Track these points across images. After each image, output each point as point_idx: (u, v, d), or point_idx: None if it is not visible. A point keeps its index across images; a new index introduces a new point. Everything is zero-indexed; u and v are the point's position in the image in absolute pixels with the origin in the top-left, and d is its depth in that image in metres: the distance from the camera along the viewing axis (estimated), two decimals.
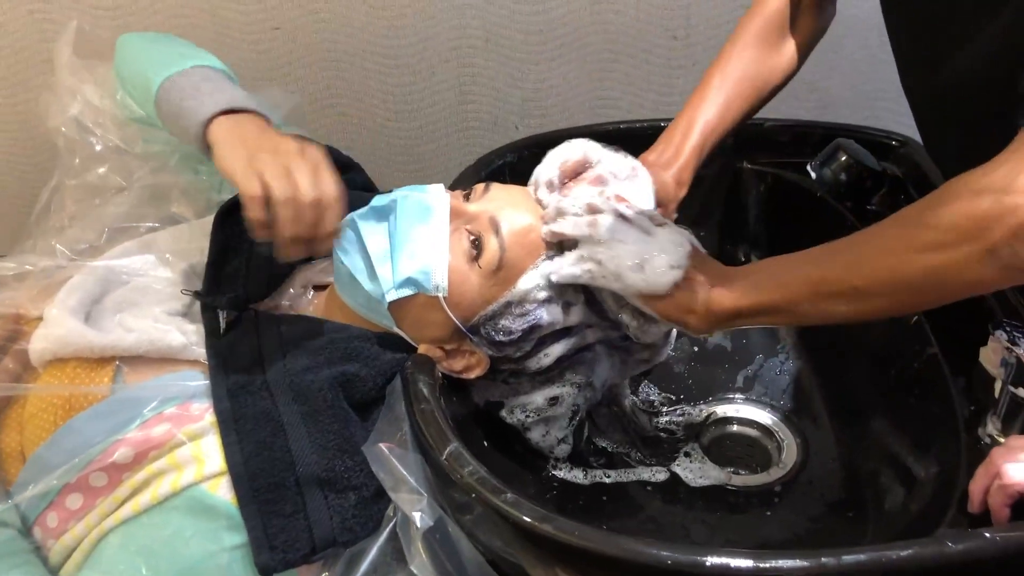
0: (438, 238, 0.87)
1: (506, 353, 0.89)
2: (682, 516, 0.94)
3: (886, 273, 0.72)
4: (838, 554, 0.66)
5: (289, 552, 0.77)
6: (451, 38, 1.35)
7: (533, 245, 0.88)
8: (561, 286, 0.87)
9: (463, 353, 0.90)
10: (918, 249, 0.70)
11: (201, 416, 0.82)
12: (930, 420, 0.86)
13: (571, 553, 0.70)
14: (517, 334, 0.88)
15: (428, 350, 0.89)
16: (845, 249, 0.76)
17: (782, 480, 0.98)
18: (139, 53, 0.99)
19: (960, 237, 0.68)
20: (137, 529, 0.79)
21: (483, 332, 0.88)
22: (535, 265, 0.88)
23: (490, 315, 0.88)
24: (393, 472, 0.76)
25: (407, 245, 0.86)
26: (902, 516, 0.84)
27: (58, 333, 0.87)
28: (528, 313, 0.87)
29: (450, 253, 0.87)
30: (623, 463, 1.00)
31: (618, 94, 1.40)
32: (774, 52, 1.02)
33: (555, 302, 0.88)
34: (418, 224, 0.87)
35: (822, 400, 1.05)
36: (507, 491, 0.72)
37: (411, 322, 0.89)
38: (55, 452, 0.82)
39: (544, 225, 0.88)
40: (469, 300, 0.87)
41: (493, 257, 0.86)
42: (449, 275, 0.86)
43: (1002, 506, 0.71)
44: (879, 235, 0.74)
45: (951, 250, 0.68)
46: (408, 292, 0.86)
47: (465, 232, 0.87)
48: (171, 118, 0.91)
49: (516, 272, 0.87)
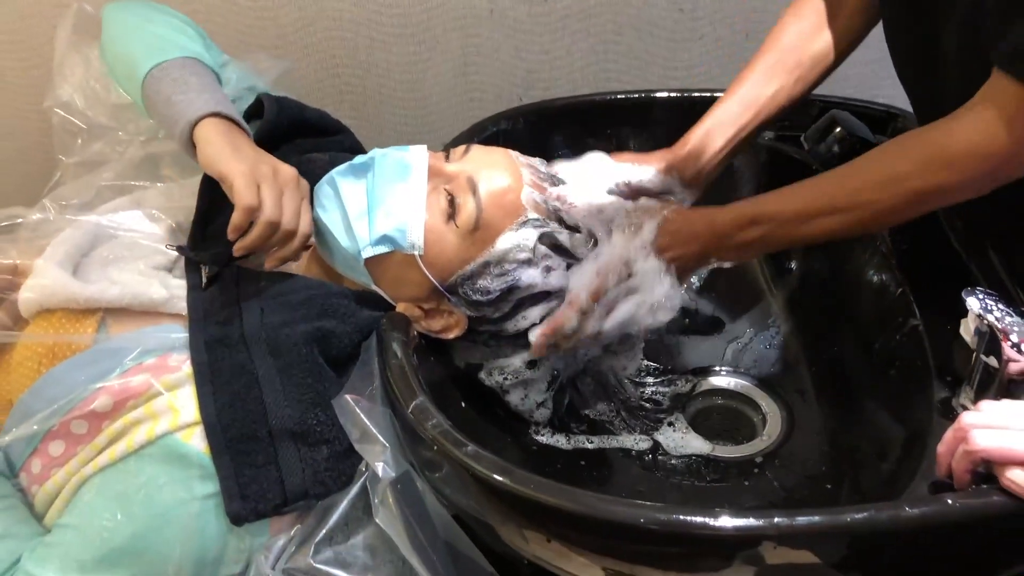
0: (415, 196, 0.87)
1: (484, 313, 0.90)
2: (659, 483, 0.94)
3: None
4: (792, 514, 0.65)
5: (260, 502, 0.79)
6: (455, 7, 1.35)
7: (512, 206, 0.88)
8: (542, 250, 0.88)
9: (441, 313, 0.90)
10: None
11: (179, 367, 0.83)
12: (908, 392, 0.86)
13: (530, 507, 0.70)
14: (495, 294, 0.88)
15: (406, 308, 0.90)
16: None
17: (763, 452, 0.98)
18: (125, 33, 0.99)
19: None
20: (113, 476, 0.81)
21: (461, 292, 0.89)
22: (514, 227, 0.88)
23: (468, 275, 0.88)
24: (358, 424, 0.77)
25: (384, 203, 0.87)
26: (875, 488, 0.84)
27: (44, 283, 0.88)
28: (507, 273, 0.88)
29: (427, 212, 0.87)
30: (605, 430, 1.00)
31: (623, 67, 1.39)
32: (820, 34, 0.98)
33: (535, 265, 0.88)
34: (396, 182, 0.88)
35: (810, 374, 1.05)
36: (468, 444, 0.72)
37: (389, 280, 0.89)
38: (37, 399, 0.83)
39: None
40: (446, 259, 0.88)
41: (470, 217, 0.87)
42: (426, 234, 0.87)
43: (965, 471, 0.70)
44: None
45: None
46: (384, 249, 0.87)
47: (443, 191, 0.88)
48: (157, 109, 0.92)
49: (494, 232, 0.87)
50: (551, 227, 0.89)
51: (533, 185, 0.90)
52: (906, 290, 0.91)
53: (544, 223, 0.89)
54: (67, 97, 1.06)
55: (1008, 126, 0.75)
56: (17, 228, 0.98)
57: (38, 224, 0.98)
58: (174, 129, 0.90)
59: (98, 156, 1.07)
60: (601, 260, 0.90)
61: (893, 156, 0.82)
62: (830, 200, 0.84)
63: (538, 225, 0.89)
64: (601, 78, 1.40)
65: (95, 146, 1.07)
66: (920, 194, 0.80)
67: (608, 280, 0.89)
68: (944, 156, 0.78)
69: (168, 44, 0.95)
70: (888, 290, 0.93)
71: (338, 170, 0.90)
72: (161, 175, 1.05)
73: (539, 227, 0.89)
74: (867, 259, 0.98)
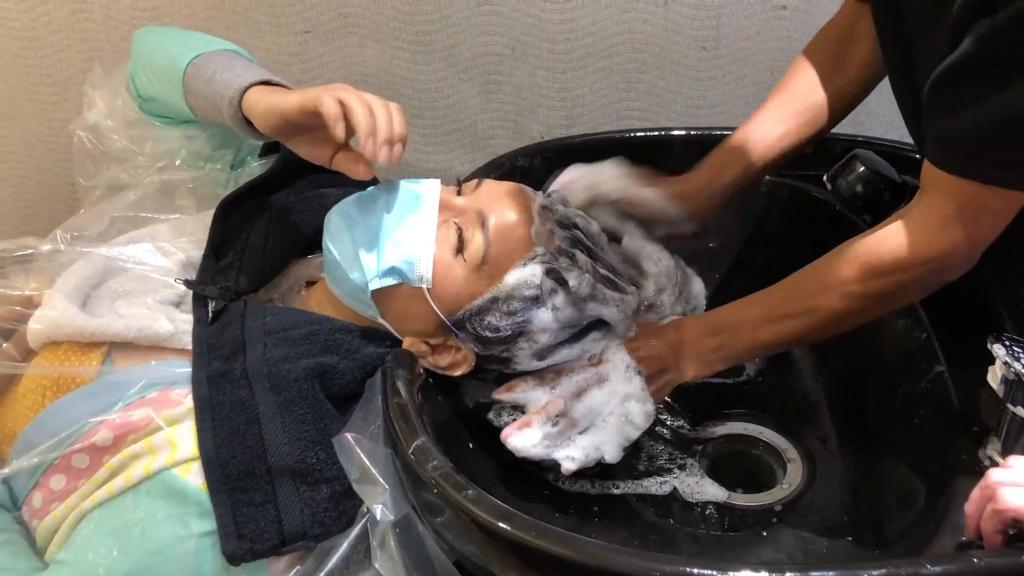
0: (425, 228, 0.86)
1: (492, 352, 0.88)
2: (673, 532, 0.91)
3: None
4: (806, 569, 0.62)
5: (257, 542, 0.77)
6: (477, 45, 1.34)
7: (520, 241, 0.87)
8: (548, 285, 0.86)
9: (448, 349, 0.89)
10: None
11: (180, 401, 0.82)
12: (933, 441, 0.82)
13: (532, 555, 0.68)
14: (505, 332, 0.86)
15: (413, 344, 0.88)
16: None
17: (783, 500, 0.94)
18: (164, 39, 1.00)
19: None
20: (111, 511, 0.79)
21: (469, 327, 0.87)
22: (522, 263, 0.86)
23: (475, 310, 0.86)
24: (358, 463, 0.75)
25: (393, 234, 0.86)
26: (897, 541, 0.80)
27: (51, 315, 0.88)
28: (515, 312, 0.86)
29: (436, 245, 0.86)
30: (619, 475, 0.97)
31: (645, 104, 1.38)
32: (834, 78, 0.99)
33: (543, 304, 0.87)
34: (406, 214, 0.87)
35: (832, 420, 1.01)
36: (470, 487, 0.70)
37: (395, 313, 0.88)
38: (39, 432, 0.83)
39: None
40: (454, 293, 0.86)
41: (478, 251, 0.85)
42: (434, 267, 0.85)
43: (994, 531, 0.66)
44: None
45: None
46: (392, 281, 0.86)
47: (453, 225, 0.87)
48: (200, 90, 0.91)
49: (502, 267, 0.86)
50: (560, 264, 0.88)
51: (542, 218, 0.88)
52: (931, 335, 0.88)
53: (553, 258, 0.87)
54: (92, 120, 1.07)
55: (939, 228, 0.77)
56: (31, 259, 0.98)
57: (50, 255, 0.98)
58: (222, 102, 0.88)
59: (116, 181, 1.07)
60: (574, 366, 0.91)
61: (837, 262, 0.84)
62: (780, 307, 0.87)
63: (545, 261, 0.87)
64: (623, 116, 1.39)
65: (114, 170, 1.07)
66: (866, 298, 0.82)
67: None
68: (881, 263, 0.80)
69: (209, 42, 0.96)
70: (913, 335, 0.90)
71: (348, 200, 0.89)
72: (176, 205, 1.05)
73: (546, 263, 0.87)
74: None
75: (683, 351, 0.91)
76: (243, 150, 1.07)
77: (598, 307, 0.88)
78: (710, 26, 1.31)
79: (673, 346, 0.91)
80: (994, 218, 0.77)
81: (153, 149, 1.04)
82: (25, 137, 1.42)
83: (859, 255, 0.82)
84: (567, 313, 0.87)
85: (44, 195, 1.48)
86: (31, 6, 1.31)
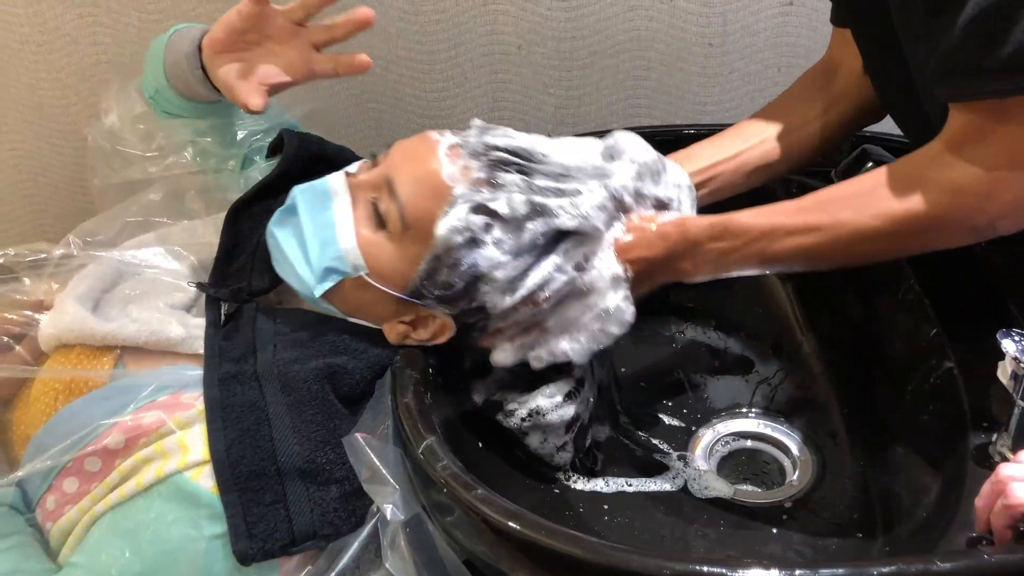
0: (340, 219, 0.85)
1: (460, 307, 0.85)
2: (684, 530, 0.91)
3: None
4: (816, 566, 0.62)
5: (268, 542, 0.77)
6: (483, 44, 1.35)
7: (436, 190, 0.83)
8: (477, 222, 0.82)
9: (425, 320, 0.87)
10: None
11: (191, 404, 0.83)
12: (943, 438, 0.82)
13: (541, 554, 0.68)
14: (459, 285, 0.83)
15: (391, 329, 0.88)
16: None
17: (793, 497, 0.94)
18: (160, 39, 1.01)
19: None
20: (123, 514, 0.80)
21: (426, 293, 0.85)
22: (444, 211, 0.82)
23: (424, 275, 0.84)
24: (368, 463, 0.75)
25: (316, 237, 0.86)
26: (908, 537, 0.80)
27: (62, 318, 0.89)
28: (459, 263, 0.82)
29: (359, 227, 0.85)
30: (628, 472, 0.98)
31: (652, 102, 1.38)
32: (810, 112, 0.99)
33: (484, 244, 0.82)
34: (320, 212, 0.86)
35: (841, 417, 1.01)
36: (478, 487, 0.70)
37: (354, 308, 0.88)
38: (51, 435, 0.83)
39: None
40: (394, 268, 0.84)
41: (395, 218, 0.83)
42: (364, 249, 0.84)
43: (1005, 527, 0.66)
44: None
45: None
46: (332, 282, 0.85)
47: (369, 202, 0.86)
48: (173, 59, 0.96)
49: (428, 223, 0.82)
50: (483, 195, 0.82)
51: (451, 157, 0.84)
52: (940, 331, 0.87)
53: (474, 192, 0.82)
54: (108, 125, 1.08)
55: (981, 163, 0.73)
56: (44, 264, 0.99)
57: (62, 259, 0.98)
58: (183, 56, 0.94)
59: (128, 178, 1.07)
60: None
61: (876, 179, 0.79)
62: (805, 217, 0.81)
63: (468, 199, 0.82)
64: (630, 114, 1.39)
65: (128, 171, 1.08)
66: (897, 221, 0.77)
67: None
68: (924, 183, 0.76)
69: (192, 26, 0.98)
70: (921, 331, 0.90)
71: (272, 221, 0.89)
72: (186, 209, 1.05)
73: (468, 200, 0.82)
74: (900, 299, 0.95)
75: (682, 252, 0.85)
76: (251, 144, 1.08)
77: (547, 220, 0.82)
78: (717, 23, 1.31)
79: (671, 247, 0.85)
80: None
81: (163, 143, 1.05)
82: (35, 141, 1.43)
83: (905, 172, 0.77)
84: (513, 240, 0.82)
85: (54, 198, 1.49)
86: (40, 10, 1.31)
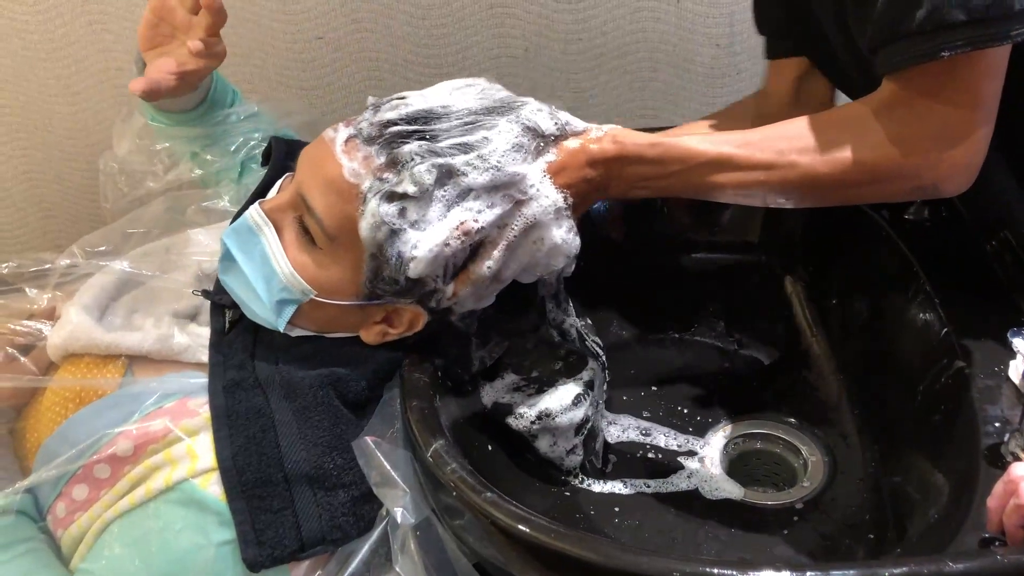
0: (272, 251, 0.84)
1: (416, 293, 0.84)
2: (695, 532, 0.91)
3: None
4: (826, 568, 0.62)
5: (276, 548, 0.77)
6: (490, 47, 1.35)
7: (344, 194, 0.80)
8: (391, 211, 0.80)
9: (393, 315, 0.86)
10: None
11: (197, 411, 0.83)
12: (954, 438, 0.82)
13: (551, 557, 0.67)
14: (403, 280, 0.82)
15: (367, 334, 0.87)
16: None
17: (804, 499, 0.94)
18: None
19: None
20: (132, 521, 0.80)
21: (381, 292, 0.83)
22: (360, 211, 0.80)
23: (371, 275, 0.82)
24: (378, 467, 0.75)
25: (257, 275, 0.85)
26: (920, 538, 0.79)
27: (68, 328, 0.89)
28: (392, 257, 0.80)
29: (292, 252, 0.84)
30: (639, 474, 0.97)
31: (659, 103, 1.38)
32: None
33: (404, 231, 0.80)
34: (251, 249, 0.85)
35: (852, 417, 1.00)
36: (487, 490, 0.70)
37: (324, 325, 0.87)
38: (60, 443, 0.84)
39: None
40: (340, 279, 0.83)
41: (319, 233, 0.82)
42: (303, 273, 0.83)
43: (1017, 527, 0.66)
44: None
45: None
46: (290, 312, 0.85)
47: (294, 220, 0.84)
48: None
49: (351, 228, 0.81)
50: (389, 181, 0.79)
51: (348, 153, 0.82)
52: (950, 331, 0.87)
53: (380, 182, 0.80)
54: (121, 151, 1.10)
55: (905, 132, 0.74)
56: (49, 274, 0.99)
57: (67, 270, 0.99)
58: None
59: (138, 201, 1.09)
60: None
61: (827, 122, 0.79)
62: (753, 153, 0.79)
63: (376, 190, 0.80)
64: (637, 115, 1.39)
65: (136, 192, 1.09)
66: (846, 171, 0.77)
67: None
68: (874, 133, 0.76)
69: None
70: (932, 331, 0.89)
71: (219, 271, 0.89)
72: (188, 222, 1.06)
73: (377, 191, 0.80)
74: (910, 298, 0.94)
75: (618, 172, 0.82)
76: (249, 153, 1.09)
77: (458, 180, 0.79)
78: (723, 24, 1.31)
79: (608, 166, 0.82)
80: (964, 95, 0.73)
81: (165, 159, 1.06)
82: (45, 149, 1.44)
83: (860, 121, 0.77)
84: (432, 213, 0.80)
85: (65, 205, 1.50)
86: (49, 18, 1.32)
